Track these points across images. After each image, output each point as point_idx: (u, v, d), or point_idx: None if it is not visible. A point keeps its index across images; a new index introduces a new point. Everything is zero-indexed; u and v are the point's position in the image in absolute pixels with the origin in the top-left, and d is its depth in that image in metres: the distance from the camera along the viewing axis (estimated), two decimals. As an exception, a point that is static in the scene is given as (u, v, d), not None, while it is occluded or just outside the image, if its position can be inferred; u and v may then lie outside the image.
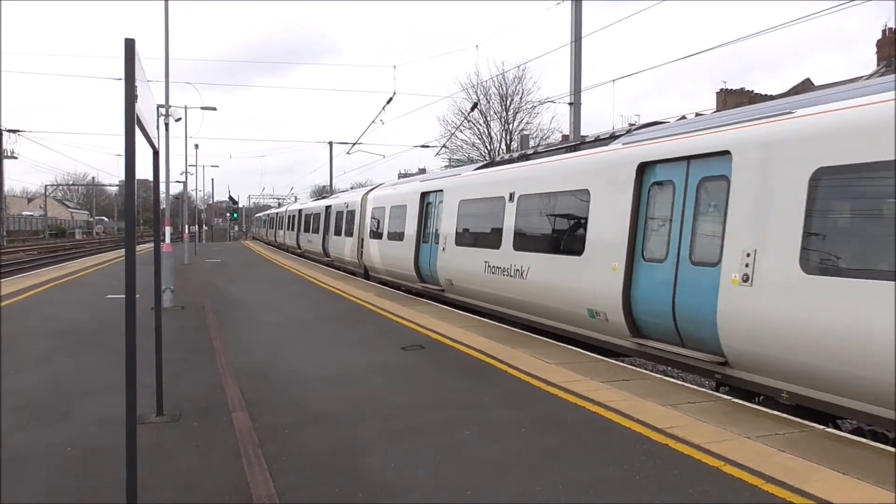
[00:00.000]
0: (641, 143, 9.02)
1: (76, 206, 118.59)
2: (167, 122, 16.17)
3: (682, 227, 8.07)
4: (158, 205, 6.49)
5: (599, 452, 5.25)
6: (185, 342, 9.88)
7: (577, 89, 18.21)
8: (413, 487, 4.58)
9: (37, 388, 7.18)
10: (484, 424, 5.95)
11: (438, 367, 8.33)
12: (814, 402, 6.40)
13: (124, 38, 3.80)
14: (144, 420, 5.81)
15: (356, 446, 5.39)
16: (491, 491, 4.51)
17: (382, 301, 14.99)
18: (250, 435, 5.61)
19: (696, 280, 7.71)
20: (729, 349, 7.16)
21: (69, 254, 42.21)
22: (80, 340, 9.98)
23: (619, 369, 8.14)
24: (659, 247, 8.42)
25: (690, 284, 7.81)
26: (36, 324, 11.38)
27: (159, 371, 6.16)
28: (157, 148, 5.75)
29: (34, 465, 4.95)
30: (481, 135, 43.24)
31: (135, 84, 3.82)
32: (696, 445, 5.31)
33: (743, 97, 33.56)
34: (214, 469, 4.92)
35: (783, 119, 6.98)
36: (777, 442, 5.38)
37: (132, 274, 3.83)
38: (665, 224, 8.38)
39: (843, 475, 4.67)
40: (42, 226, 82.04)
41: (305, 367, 8.34)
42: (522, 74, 40.99)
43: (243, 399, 6.74)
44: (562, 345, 9.77)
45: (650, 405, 6.47)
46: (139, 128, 4.20)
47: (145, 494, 4.09)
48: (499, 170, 13.39)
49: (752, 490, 4.47)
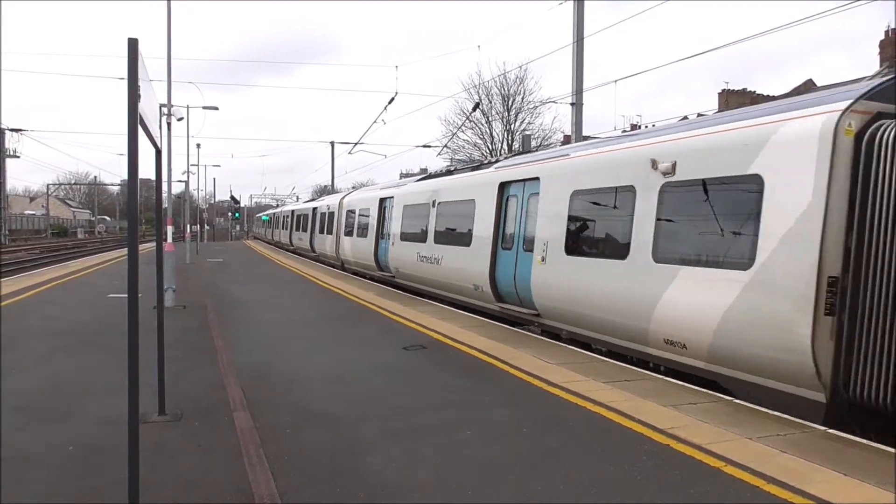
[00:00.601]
0: (504, 168, 13.03)
1: (78, 205, 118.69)
2: (169, 122, 16.19)
3: (519, 226, 11.87)
4: (161, 204, 6.50)
5: (600, 452, 5.25)
6: (187, 341, 9.88)
7: (578, 90, 18.22)
8: (414, 487, 4.58)
9: (37, 388, 7.18)
10: (485, 424, 5.95)
11: (439, 367, 8.34)
12: (580, 336, 9.88)
13: (127, 38, 3.80)
14: (146, 419, 5.81)
15: (357, 446, 5.39)
16: (492, 491, 4.51)
17: (383, 301, 15.00)
18: (252, 434, 5.62)
19: (525, 261, 11.38)
20: (538, 305, 10.92)
21: (71, 253, 42.26)
22: (81, 340, 9.98)
23: (621, 369, 8.13)
24: (509, 239, 12.25)
25: (522, 264, 11.49)
26: (36, 323, 11.39)
27: (161, 370, 6.17)
28: (160, 147, 5.75)
29: (34, 465, 4.95)
30: (483, 135, 43.26)
31: (138, 84, 3.82)
32: (698, 446, 5.31)
33: (745, 97, 33.55)
34: (216, 468, 4.92)
35: (563, 159, 10.92)
36: (778, 443, 5.38)
37: (135, 273, 3.84)
38: (512, 224, 12.18)
39: (844, 476, 4.66)
40: (44, 225, 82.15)
41: (306, 366, 8.35)
42: (524, 74, 40.98)
43: (245, 398, 6.74)
44: (562, 345, 9.78)
45: (651, 405, 6.47)
46: (142, 127, 4.20)
47: (146, 494, 4.09)
48: (429, 182, 17.28)
49: (754, 490, 4.46)
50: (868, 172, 6.05)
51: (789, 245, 6.46)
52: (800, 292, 6.26)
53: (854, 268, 6.07)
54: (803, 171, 6.41)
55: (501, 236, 12.45)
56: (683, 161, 7.95)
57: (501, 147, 42.03)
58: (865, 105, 6.37)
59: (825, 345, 6.13)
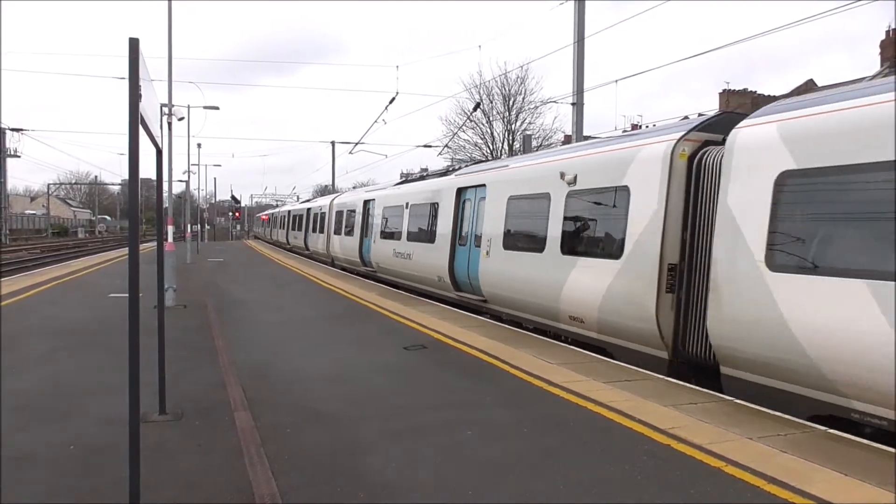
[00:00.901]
0: (462, 175, 15.16)
1: (79, 204, 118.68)
2: (170, 122, 16.18)
3: (472, 226, 13.88)
4: (161, 204, 6.50)
5: (601, 452, 5.25)
6: (188, 341, 9.88)
7: (579, 90, 18.21)
8: (414, 487, 4.58)
9: (37, 387, 7.18)
10: (485, 424, 5.95)
11: (440, 367, 8.34)
12: (523, 320, 11.54)
13: (129, 38, 3.80)
14: (147, 419, 5.81)
15: (357, 446, 5.39)
16: (492, 491, 4.51)
17: (384, 301, 15.00)
18: (252, 434, 5.62)
19: (475, 256, 13.31)
20: (485, 292, 12.92)
21: (71, 253, 42.27)
22: (81, 340, 9.98)
23: (621, 370, 8.13)
24: (464, 237, 14.21)
25: (473, 258, 13.45)
26: (37, 323, 11.39)
27: (162, 370, 6.16)
28: (161, 147, 5.75)
29: (34, 465, 4.95)
30: (484, 135, 43.20)
31: (139, 83, 3.82)
32: (698, 446, 5.31)
33: (746, 98, 33.51)
34: (216, 468, 4.92)
35: (503, 170, 13.09)
36: (779, 443, 5.37)
37: (136, 272, 3.83)
38: (467, 224, 14.16)
39: (844, 476, 4.66)
40: (45, 224, 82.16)
41: (307, 366, 8.35)
42: (525, 74, 40.92)
43: (245, 398, 6.74)
44: (563, 345, 9.78)
45: (652, 405, 6.47)
46: (143, 127, 4.20)
47: (147, 493, 4.09)
48: (404, 186, 19.69)
49: (754, 491, 4.46)
50: (697, 186, 7.97)
51: (643, 239, 8.42)
52: (649, 275, 8.22)
53: (688, 257, 8.01)
54: (652, 184, 8.37)
55: (458, 234, 14.51)
56: (582, 174, 10.00)
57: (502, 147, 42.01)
58: (696, 135, 8.25)
59: (667, 315, 8.11)
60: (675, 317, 8.06)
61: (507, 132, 42.39)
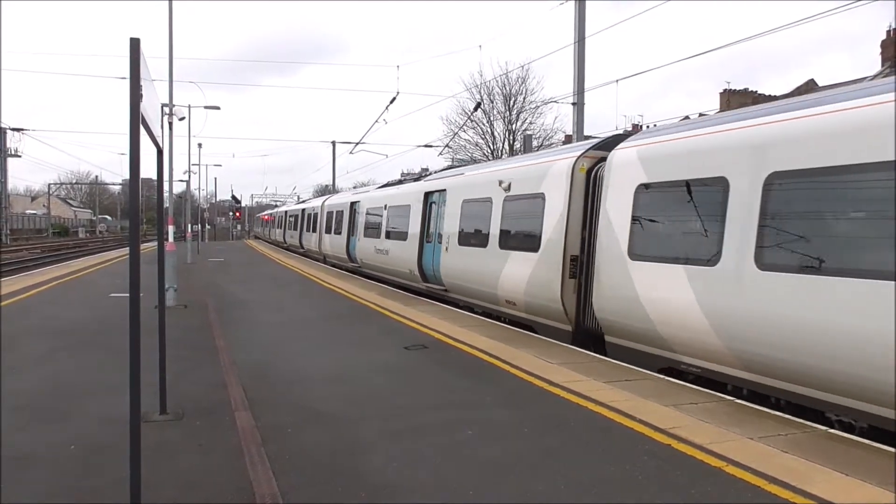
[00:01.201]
0: (429, 181, 17.22)
1: (79, 204, 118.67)
2: (171, 121, 16.19)
3: (436, 224, 15.67)
4: (162, 203, 6.50)
5: (601, 452, 5.25)
6: (188, 341, 9.89)
7: (580, 89, 18.21)
8: (414, 487, 4.58)
9: (37, 387, 7.18)
10: (485, 424, 5.95)
11: (440, 367, 8.34)
12: (474, 305, 13.44)
13: (130, 38, 3.79)
14: (147, 419, 5.81)
15: (358, 446, 5.40)
16: (492, 491, 4.51)
17: (385, 301, 15.00)
18: (253, 434, 5.62)
19: (438, 251, 15.20)
20: (445, 282, 14.84)
21: (72, 252, 42.28)
22: (81, 340, 9.99)
23: (622, 369, 8.13)
24: (430, 235, 16.04)
25: (437, 253, 15.28)
26: (37, 323, 11.39)
27: (163, 369, 6.16)
28: (162, 147, 5.75)
29: (34, 465, 4.95)
30: (484, 135, 43.24)
31: (140, 83, 3.81)
32: (699, 446, 5.30)
33: (746, 97, 33.51)
34: (217, 468, 4.93)
35: (459, 177, 15.12)
36: (780, 443, 5.37)
37: (136, 272, 3.83)
38: (433, 223, 16.05)
39: (845, 476, 4.66)
40: (45, 224, 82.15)
41: (307, 366, 8.35)
42: (526, 74, 40.99)
43: (246, 398, 6.74)
44: (563, 345, 9.79)
45: (652, 405, 6.47)
46: (144, 127, 4.19)
47: (147, 493, 4.09)
48: (385, 189, 21.63)
49: (755, 490, 4.46)
50: (593, 194, 9.96)
51: (553, 236, 10.47)
52: (556, 265, 10.27)
53: (587, 249, 9.94)
54: (560, 191, 10.44)
55: (426, 233, 16.42)
56: (514, 183, 12.08)
57: (503, 147, 42.01)
58: (594, 153, 10.24)
59: (570, 296, 10.14)
60: (576, 298, 10.13)
61: (507, 132, 42.43)
